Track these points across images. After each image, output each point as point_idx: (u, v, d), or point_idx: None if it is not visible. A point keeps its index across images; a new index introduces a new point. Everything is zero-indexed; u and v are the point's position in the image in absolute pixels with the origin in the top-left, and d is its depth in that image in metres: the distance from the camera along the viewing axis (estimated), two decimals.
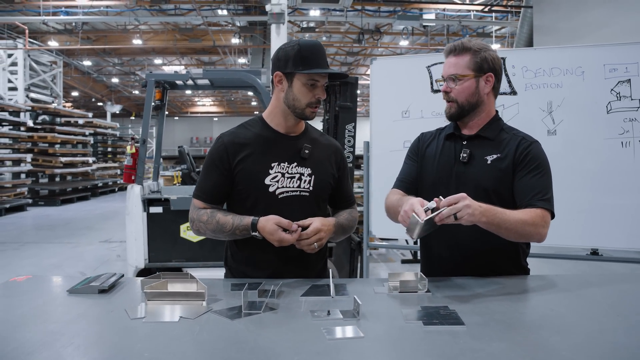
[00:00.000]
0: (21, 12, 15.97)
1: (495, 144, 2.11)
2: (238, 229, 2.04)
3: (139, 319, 1.56)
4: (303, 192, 2.14)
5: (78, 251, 8.56)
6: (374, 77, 4.11)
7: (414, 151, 2.36)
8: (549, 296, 1.81)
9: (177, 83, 5.93)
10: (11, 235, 10.05)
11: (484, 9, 15.34)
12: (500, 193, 2.06)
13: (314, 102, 2.08)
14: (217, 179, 2.15)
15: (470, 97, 2.09)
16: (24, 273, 6.58)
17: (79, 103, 32.70)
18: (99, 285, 1.86)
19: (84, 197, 16.99)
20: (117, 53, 22.80)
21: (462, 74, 2.08)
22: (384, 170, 4.07)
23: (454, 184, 2.11)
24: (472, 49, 2.08)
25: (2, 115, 13.66)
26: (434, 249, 2.22)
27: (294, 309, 1.64)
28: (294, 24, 19.22)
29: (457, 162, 2.14)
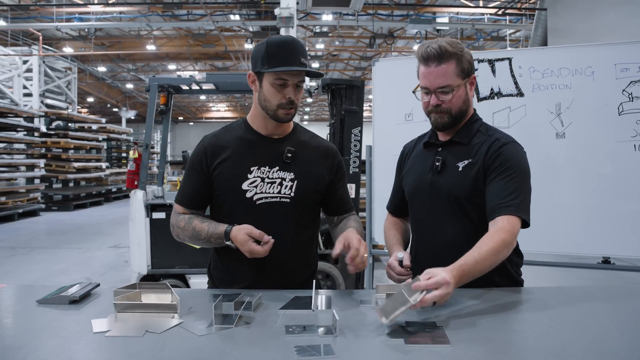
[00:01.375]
0: (36, 19, 16.09)
1: (468, 149, 1.98)
2: (213, 237, 1.94)
3: (101, 332, 1.46)
4: (283, 199, 2.00)
5: (87, 257, 8.53)
6: (377, 79, 3.99)
7: (398, 165, 2.28)
8: (546, 311, 1.65)
9: (181, 87, 5.86)
10: (22, 241, 10.07)
11: (497, 12, 15.15)
12: (474, 202, 1.93)
13: (285, 103, 1.94)
14: (196, 183, 2.06)
15: (462, 106, 1.98)
16: (31, 278, 6.61)
17: (95, 109, 32.96)
18: (69, 295, 1.77)
19: (97, 202, 17.07)
20: (131, 59, 22.92)
21: (455, 84, 1.92)
22: (387, 175, 3.92)
23: (429, 195, 2.02)
24: (456, 53, 1.91)
25: (17, 121, 13.76)
26: (420, 262, 2.07)
27: (269, 324, 1.53)
28: (306, 29, 19.17)
29: (432, 171, 2.03)
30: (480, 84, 3.59)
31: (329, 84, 5.77)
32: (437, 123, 1.99)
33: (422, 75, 1.97)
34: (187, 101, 34.77)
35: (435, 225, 2.01)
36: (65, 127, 16.44)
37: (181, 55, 22.19)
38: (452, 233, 1.96)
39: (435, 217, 2.01)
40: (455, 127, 2.02)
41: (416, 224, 2.13)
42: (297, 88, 1.96)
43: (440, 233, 1.99)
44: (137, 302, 1.68)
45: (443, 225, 1.98)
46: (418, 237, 2.12)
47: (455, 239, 1.92)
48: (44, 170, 15.22)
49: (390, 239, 2.16)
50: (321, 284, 5.50)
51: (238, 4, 15.92)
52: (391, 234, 2.19)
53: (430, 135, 2.10)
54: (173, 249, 5.31)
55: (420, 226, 2.10)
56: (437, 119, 1.98)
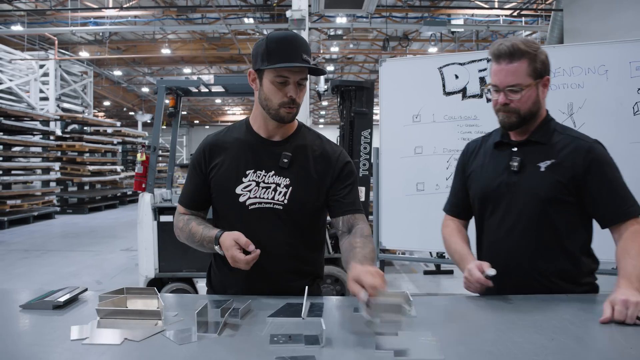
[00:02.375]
0: (52, 23, 16.22)
1: (548, 149, 1.90)
2: (205, 240, 1.86)
3: (79, 340, 1.40)
4: (276, 205, 1.88)
5: (98, 259, 8.53)
6: (384, 80, 3.91)
7: (460, 165, 2.16)
8: (571, 323, 1.53)
9: (190, 90, 5.82)
10: (36, 243, 10.11)
11: (513, 13, 14.95)
12: (555, 202, 1.86)
13: (287, 101, 1.82)
14: (196, 183, 2.00)
15: (532, 107, 1.89)
16: (42, 281, 6.61)
17: (111, 112, 33.21)
18: (53, 300, 1.71)
19: (112, 205, 17.14)
20: (146, 63, 23.03)
21: (525, 83, 1.85)
22: (395, 177, 3.87)
23: (506, 197, 1.92)
24: (529, 52, 1.85)
25: (33, 125, 13.87)
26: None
27: (255, 332, 1.45)
28: (320, 31, 19.12)
29: (507, 171, 1.93)
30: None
31: (338, 85, 5.70)
32: (505, 122, 1.92)
33: (493, 73, 1.91)
34: (203, 104, 34.89)
35: (511, 229, 1.92)
36: (80, 131, 16.55)
37: (196, 59, 22.25)
38: (530, 238, 1.89)
39: (511, 220, 1.93)
40: (526, 128, 1.94)
41: (487, 227, 2.03)
42: (299, 86, 1.84)
43: (516, 238, 1.91)
44: (120, 308, 1.61)
45: (520, 229, 1.90)
46: (489, 241, 2.02)
47: (534, 244, 1.86)
48: (60, 173, 15.32)
49: (460, 249, 2.03)
50: (330, 288, 5.43)
51: (252, 7, 15.92)
52: (459, 243, 2.06)
53: (502, 134, 2.01)
54: (180, 252, 5.26)
55: (491, 230, 2.00)
56: (504, 118, 1.92)
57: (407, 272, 7.68)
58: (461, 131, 3.59)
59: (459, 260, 2.00)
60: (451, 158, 3.64)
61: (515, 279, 1.90)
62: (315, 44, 21.42)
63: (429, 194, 3.73)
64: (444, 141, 3.66)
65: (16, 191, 12.71)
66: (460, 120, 3.60)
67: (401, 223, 3.88)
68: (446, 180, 3.66)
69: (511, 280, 1.90)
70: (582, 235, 1.91)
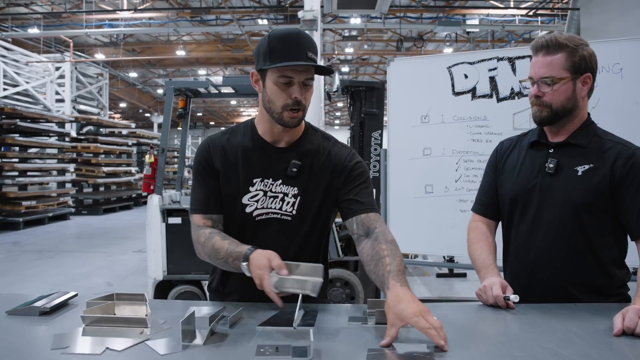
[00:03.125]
0: (68, 26, 16.36)
1: (587, 153, 1.81)
2: (231, 257, 1.66)
3: (59, 349, 1.34)
4: (284, 216, 1.79)
5: (110, 261, 8.55)
6: (392, 80, 3.83)
7: (491, 163, 2.06)
8: (577, 336, 1.43)
9: (199, 91, 5.78)
10: (50, 244, 10.16)
11: (528, 12, 14.76)
12: (591, 209, 1.76)
13: (290, 103, 1.68)
14: (208, 184, 1.83)
15: (566, 102, 1.80)
16: (53, 282, 6.62)
17: (127, 114, 33.44)
18: (40, 307, 1.66)
19: (127, 206, 17.21)
20: (161, 64, 23.17)
21: (558, 76, 1.77)
22: (403, 179, 3.79)
23: (537, 199, 1.83)
24: (568, 46, 1.77)
25: (49, 127, 13.99)
26: (515, 274, 1.93)
27: (242, 342, 1.39)
28: (335, 32, 19.07)
29: (542, 173, 1.84)
30: (499, 83, 3.40)
31: (348, 86, 5.64)
32: (535, 116, 1.85)
33: (530, 66, 1.85)
34: (219, 106, 35.01)
35: (541, 234, 1.84)
36: (95, 132, 16.66)
37: (211, 60, 22.32)
38: (561, 245, 1.80)
39: (541, 225, 1.84)
40: (564, 129, 1.86)
41: (515, 231, 1.93)
42: (305, 87, 1.71)
43: (545, 244, 1.82)
44: (106, 315, 1.56)
45: (551, 235, 1.82)
46: (516, 246, 1.93)
47: (565, 252, 1.77)
48: (75, 174, 15.43)
49: (484, 257, 1.91)
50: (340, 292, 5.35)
51: (265, 8, 15.92)
52: (483, 249, 1.95)
53: (539, 134, 1.92)
54: (189, 254, 5.19)
55: (519, 234, 1.91)
56: (535, 112, 1.85)
57: (420, 275, 7.58)
58: (471, 132, 3.50)
59: (480, 268, 1.90)
60: (460, 159, 3.55)
61: (541, 288, 1.83)
62: (329, 45, 21.38)
63: (438, 196, 3.65)
64: (453, 142, 3.57)
65: (32, 192, 12.81)
66: (470, 120, 3.50)
67: (409, 226, 3.80)
68: (455, 183, 3.57)
69: (537, 289, 1.83)
70: (616, 246, 1.81)
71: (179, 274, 5.30)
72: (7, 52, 14.58)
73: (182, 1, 16.39)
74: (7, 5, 15.58)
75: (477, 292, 1.77)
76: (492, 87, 3.42)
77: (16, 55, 15.00)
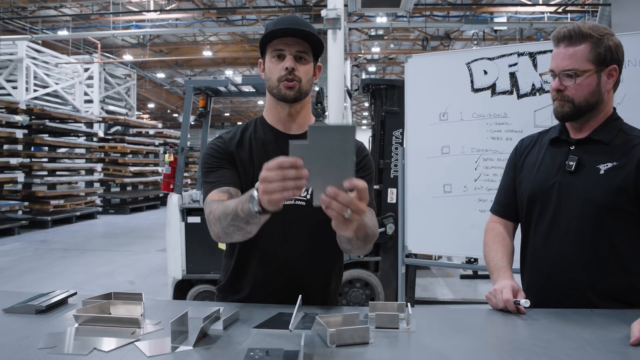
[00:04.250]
0: (96, 27, 16.60)
1: (610, 150, 1.70)
2: (240, 203, 1.50)
3: (46, 348, 1.31)
4: (298, 201, 1.79)
5: (133, 259, 8.62)
6: (409, 77, 3.74)
7: (510, 162, 1.98)
8: (590, 344, 1.33)
9: (220, 90, 5.77)
10: (76, 243, 10.31)
11: (557, 9, 14.45)
12: (614, 210, 1.65)
13: (284, 74, 1.73)
14: (224, 166, 1.79)
15: (589, 96, 1.69)
16: (76, 280, 6.69)
17: (155, 114, 33.81)
18: (36, 305, 1.63)
19: (153, 205, 17.39)
20: (188, 65, 23.35)
21: (581, 68, 1.67)
22: (421, 178, 3.70)
23: (555, 199, 1.73)
24: (592, 35, 1.67)
25: (77, 127, 14.22)
26: (532, 278, 1.85)
27: (233, 345, 1.33)
28: (361, 32, 18.97)
29: (562, 171, 1.74)
30: (520, 79, 3.29)
31: (368, 84, 5.56)
32: (557, 112, 1.76)
33: (551, 57, 1.75)
34: (246, 106, 35.17)
35: (560, 236, 1.74)
36: (122, 132, 16.87)
37: (238, 61, 22.43)
38: (580, 248, 1.69)
39: (560, 226, 1.74)
40: (587, 125, 1.75)
41: (533, 232, 1.84)
42: (300, 60, 1.75)
43: (564, 246, 1.72)
44: (99, 314, 1.52)
45: (570, 237, 1.72)
46: (533, 247, 1.83)
47: (585, 256, 1.67)
48: (102, 174, 15.64)
49: (498, 259, 1.83)
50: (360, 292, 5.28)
51: (290, 7, 15.91)
52: (498, 252, 1.86)
53: (560, 130, 1.82)
54: (208, 254, 5.21)
55: (537, 235, 1.82)
56: (557, 107, 1.75)
57: (444, 276, 7.47)
58: (490, 130, 3.39)
59: (492, 270, 1.81)
60: (480, 158, 3.44)
61: (559, 293, 1.72)
62: (356, 45, 21.28)
63: (456, 196, 3.55)
64: (472, 140, 3.47)
65: (60, 191, 13.02)
66: (490, 118, 3.40)
67: (428, 226, 3.70)
68: (474, 182, 3.47)
69: (554, 294, 1.73)
70: None
71: (198, 273, 5.29)
72: (37, 54, 14.84)
73: (207, 1, 16.48)
74: (38, 8, 15.87)
75: (487, 296, 1.68)
76: (512, 83, 3.32)
77: (46, 57, 15.27)
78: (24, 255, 8.83)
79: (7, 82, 14.23)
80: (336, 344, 1.31)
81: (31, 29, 16.05)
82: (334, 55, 9.23)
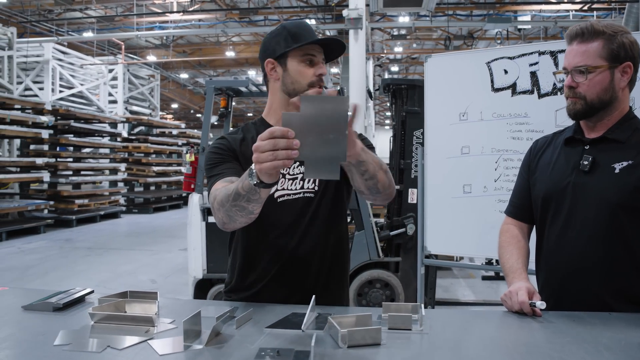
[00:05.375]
0: (120, 29, 16.82)
1: (626, 148, 1.66)
2: (240, 183, 1.51)
3: (61, 345, 1.33)
4: (307, 194, 1.82)
5: (156, 258, 8.70)
6: (429, 77, 3.71)
7: (525, 163, 1.96)
8: (607, 349, 1.30)
9: (240, 90, 5.80)
10: (99, 242, 10.44)
11: (583, 7, 14.22)
12: (630, 209, 1.62)
13: (316, 80, 1.77)
14: (228, 160, 1.79)
15: (602, 94, 1.66)
16: (99, 279, 6.77)
17: (179, 115, 34.14)
18: (53, 302, 1.66)
19: (177, 205, 17.53)
20: (212, 65, 23.53)
21: (593, 65, 1.64)
22: (440, 179, 3.67)
23: (570, 199, 1.70)
24: (605, 32, 1.65)
25: (102, 127, 14.42)
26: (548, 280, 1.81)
27: (245, 344, 1.33)
28: (383, 31, 18.91)
29: (576, 171, 1.71)
30: (541, 78, 3.24)
31: (389, 84, 5.54)
32: (569, 109, 1.73)
33: (564, 56, 1.74)
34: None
35: (575, 237, 1.70)
36: (146, 133, 17.06)
37: None
38: (596, 249, 1.66)
39: (575, 226, 1.71)
40: (601, 123, 1.72)
41: (548, 233, 1.81)
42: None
43: (579, 247, 1.68)
44: (114, 313, 1.54)
45: (585, 237, 1.68)
46: (548, 249, 1.80)
47: (601, 257, 1.64)
48: (126, 174, 15.83)
49: (513, 261, 1.81)
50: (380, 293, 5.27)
51: (312, 7, 15.93)
52: (513, 254, 1.84)
53: (575, 129, 1.79)
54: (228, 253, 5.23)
55: (551, 237, 1.79)
56: (569, 105, 1.73)
57: (465, 277, 7.40)
58: (510, 130, 3.35)
59: (508, 272, 1.79)
60: (500, 158, 3.40)
61: (574, 295, 1.69)
62: (378, 45, 21.23)
63: (476, 196, 3.51)
64: (492, 140, 3.43)
65: (85, 191, 13.21)
66: (510, 118, 3.35)
67: (447, 227, 3.67)
68: (494, 182, 3.43)
69: (570, 296, 1.70)
70: None
71: (218, 272, 5.32)
72: (63, 56, 15.10)
73: (230, 2, 16.59)
74: (64, 10, 16.14)
75: (502, 298, 1.66)
76: (533, 83, 3.27)
77: (71, 59, 15.54)
78: (49, 254, 8.97)
79: (34, 84, 14.52)
80: (348, 345, 1.30)
81: (57, 31, 16.34)
82: (355, 55, 9.23)
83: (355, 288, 5.25)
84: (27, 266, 7.95)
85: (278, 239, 1.80)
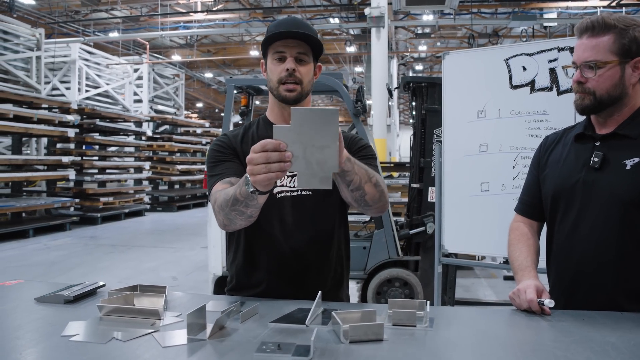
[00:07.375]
0: (145, 29, 17.03)
1: (637, 145, 1.63)
2: (239, 188, 1.53)
3: (69, 336, 1.35)
4: (305, 191, 1.82)
5: (178, 256, 8.78)
6: (447, 74, 3.68)
7: (535, 160, 1.93)
8: (615, 348, 1.27)
9: (261, 88, 5.82)
10: (123, 239, 10.58)
11: (611, 3, 13.95)
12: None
13: (284, 76, 1.74)
14: (228, 159, 1.81)
15: (612, 90, 1.62)
16: (122, 276, 6.86)
17: (204, 114, 34.42)
18: (65, 295, 1.69)
19: (200, 203, 17.67)
20: (236, 65, 23.68)
21: (603, 60, 1.60)
22: (458, 177, 3.63)
23: (580, 196, 1.67)
24: (617, 26, 1.60)
25: (127, 126, 14.62)
26: (559, 279, 1.79)
27: (248, 338, 1.34)
28: (407, 30, 18.83)
29: (587, 167, 1.68)
30: (560, 75, 3.19)
31: (409, 82, 5.51)
32: (577, 105, 1.70)
33: (574, 50, 1.70)
34: None
35: (585, 234, 1.67)
36: (170, 131, 17.24)
37: None
38: (607, 246, 1.62)
39: (586, 224, 1.68)
40: (612, 119, 1.69)
41: (558, 231, 1.79)
42: (301, 62, 1.77)
43: (590, 245, 1.65)
44: (122, 305, 1.56)
45: (596, 235, 1.65)
46: (558, 246, 1.77)
47: (612, 254, 1.60)
48: (151, 172, 16.02)
49: (522, 258, 1.79)
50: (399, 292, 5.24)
51: (336, 6, 15.92)
52: (522, 251, 1.82)
53: (585, 126, 1.76)
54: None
55: (561, 234, 1.76)
56: (577, 100, 1.69)
57: (487, 277, 7.32)
58: (529, 127, 3.30)
59: (517, 270, 1.76)
60: (518, 156, 3.36)
61: (585, 294, 1.66)
62: (402, 43, 21.13)
63: (494, 194, 3.47)
64: (510, 138, 3.38)
65: (109, 189, 13.41)
66: (528, 115, 3.30)
67: (464, 225, 3.63)
68: (512, 181, 3.38)
69: (580, 295, 1.66)
70: None
71: None
72: (89, 56, 15.34)
73: (254, 1, 16.67)
74: (90, 11, 16.40)
75: (511, 296, 1.64)
76: (552, 80, 3.22)
77: (97, 59, 15.76)
78: (73, 250, 9.13)
79: (61, 83, 14.76)
80: (350, 340, 1.30)
81: (84, 32, 16.62)
82: (377, 53, 9.22)
83: (374, 286, 5.24)
84: (52, 262, 8.09)
85: (277, 234, 1.82)
